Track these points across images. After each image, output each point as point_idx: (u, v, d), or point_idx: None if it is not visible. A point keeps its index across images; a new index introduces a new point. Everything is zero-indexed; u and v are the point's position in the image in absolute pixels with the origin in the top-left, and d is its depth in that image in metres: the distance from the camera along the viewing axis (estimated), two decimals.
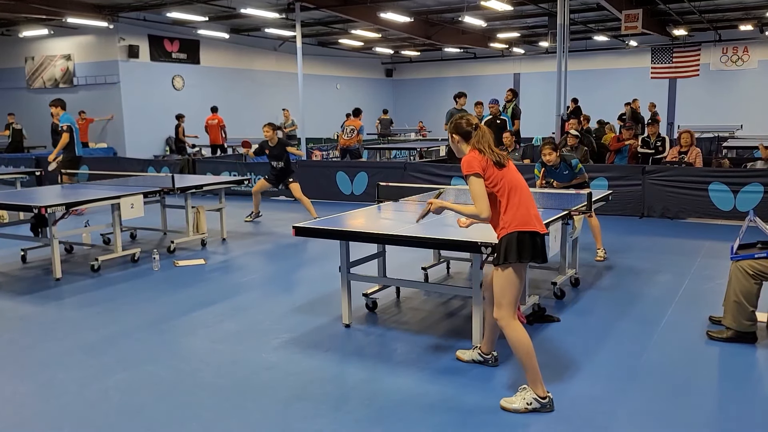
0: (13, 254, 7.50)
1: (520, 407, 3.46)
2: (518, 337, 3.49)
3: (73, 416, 3.56)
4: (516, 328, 3.51)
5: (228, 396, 3.76)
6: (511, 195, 3.48)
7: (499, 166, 3.49)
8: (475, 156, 3.50)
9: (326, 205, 10.98)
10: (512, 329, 3.51)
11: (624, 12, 14.73)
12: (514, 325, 3.52)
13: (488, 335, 4.07)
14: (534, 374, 3.48)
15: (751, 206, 8.37)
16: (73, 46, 18.21)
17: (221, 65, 20.26)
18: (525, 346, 3.48)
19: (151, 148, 17.97)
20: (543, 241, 3.55)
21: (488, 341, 4.09)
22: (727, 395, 3.75)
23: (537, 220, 3.54)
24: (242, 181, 8.92)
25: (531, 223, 3.48)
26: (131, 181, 8.19)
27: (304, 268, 7.09)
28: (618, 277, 6.26)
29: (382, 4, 15.96)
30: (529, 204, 3.52)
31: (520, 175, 3.60)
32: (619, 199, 9.08)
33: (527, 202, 3.51)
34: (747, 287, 4.36)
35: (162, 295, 5.95)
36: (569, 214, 5.22)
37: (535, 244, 3.49)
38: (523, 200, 3.49)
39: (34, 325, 5.12)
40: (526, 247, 3.46)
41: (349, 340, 4.67)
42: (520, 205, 3.48)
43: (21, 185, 10.28)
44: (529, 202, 3.54)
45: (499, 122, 11.03)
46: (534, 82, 24.26)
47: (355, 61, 26.30)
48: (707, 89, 21.84)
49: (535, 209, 3.56)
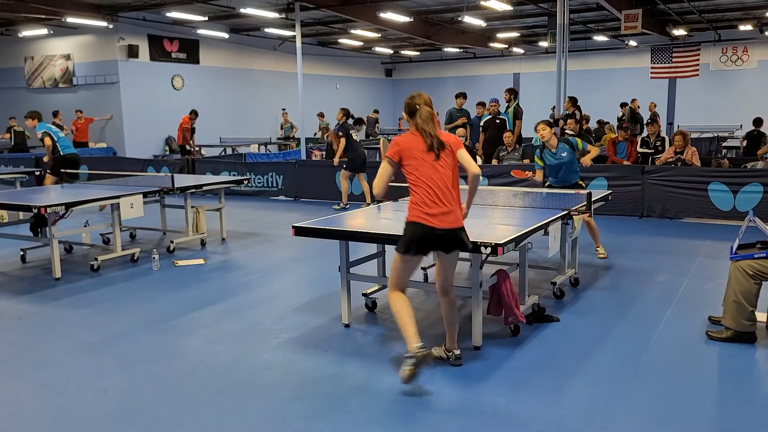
0: (13, 254, 7.50)
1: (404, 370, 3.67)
2: (392, 306, 3.92)
3: (72, 416, 3.55)
4: (392, 299, 3.91)
5: (227, 396, 3.76)
6: (417, 188, 3.73)
7: (429, 150, 3.70)
8: (400, 141, 3.79)
9: (326, 205, 10.99)
10: (390, 300, 3.94)
11: (624, 12, 14.73)
12: (391, 297, 3.93)
13: (447, 331, 4.16)
14: (404, 332, 3.81)
15: (751, 206, 8.37)
16: (72, 46, 18.20)
17: (221, 65, 20.25)
18: (396, 312, 3.87)
19: (150, 148, 17.96)
20: (439, 234, 3.71)
21: (448, 338, 4.16)
22: (727, 395, 3.74)
23: (441, 215, 3.67)
24: (242, 181, 8.92)
25: (422, 217, 3.69)
26: (131, 181, 8.19)
27: (304, 268, 7.08)
28: (618, 277, 6.26)
29: (382, 3, 15.95)
30: (435, 197, 3.67)
31: (440, 171, 3.71)
32: (619, 199, 9.08)
33: (433, 198, 3.68)
34: (746, 287, 4.36)
35: (161, 295, 5.95)
36: (569, 214, 5.22)
37: (423, 237, 3.71)
38: (427, 196, 3.68)
39: (33, 325, 5.12)
40: (413, 242, 3.74)
41: (349, 340, 4.67)
42: (421, 200, 3.70)
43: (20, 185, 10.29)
44: (438, 197, 3.67)
45: (499, 122, 11.02)
46: (534, 82, 24.25)
47: (354, 61, 26.29)
48: (707, 89, 21.84)
49: (446, 204, 3.69)
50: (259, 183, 12.47)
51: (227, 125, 19.75)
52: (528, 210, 5.51)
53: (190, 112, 17.04)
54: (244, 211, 10.61)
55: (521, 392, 3.74)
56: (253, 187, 12.44)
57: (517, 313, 4.54)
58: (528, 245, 4.93)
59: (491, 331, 4.71)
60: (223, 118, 19.68)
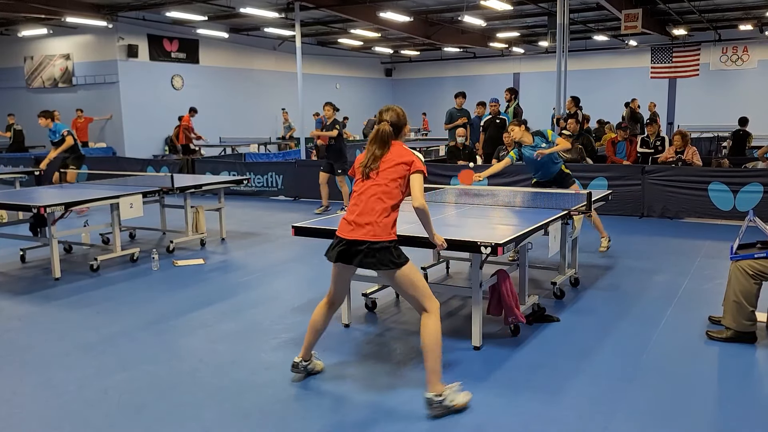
0: (12, 254, 7.49)
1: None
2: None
3: (72, 416, 3.55)
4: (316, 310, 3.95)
5: (227, 396, 3.76)
6: (351, 199, 3.74)
7: (363, 167, 3.68)
8: (358, 157, 3.81)
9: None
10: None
11: (624, 12, 14.73)
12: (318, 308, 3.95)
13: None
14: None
15: (751, 206, 8.37)
16: (72, 46, 18.20)
17: (220, 65, 20.25)
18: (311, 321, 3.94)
19: (150, 147, 17.96)
20: (344, 245, 3.62)
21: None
22: (727, 395, 3.74)
23: (354, 225, 3.60)
24: (241, 181, 8.92)
25: (339, 227, 3.69)
26: (130, 181, 8.19)
27: (304, 268, 7.08)
28: (618, 277, 6.26)
29: (382, 3, 15.95)
30: (353, 210, 3.64)
31: (368, 185, 3.64)
32: (619, 198, 9.08)
33: (354, 208, 3.65)
34: (746, 287, 4.36)
35: (161, 295, 5.94)
36: (569, 214, 5.22)
37: (332, 245, 3.69)
38: (352, 206, 3.68)
39: (33, 324, 5.11)
40: (328, 249, 3.72)
41: (349, 340, 4.67)
42: (349, 210, 3.70)
43: (20, 185, 10.29)
44: (359, 209, 3.62)
45: (499, 122, 11.01)
46: (534, 82, 24.26)
47: (354, 60, 26.29)
48: (707, 89, 21.85)
49: (364, 216, 3.58)
50: (259, 183, 12.47)
51: (227, 125, 19.75)
52: (528, 210, 5.51)
53: (189, 110, 17.12)
54: (243, 211, 10.60)
55: (521, 392, 3.74)
56: (252, 187, 12.44)
57: (517, 313, 4.53)
58: (528, 245, 4.92)
59: (491, 331, 4.71)
60: (223, 118, 19.68)
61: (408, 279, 3.59)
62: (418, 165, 3.65)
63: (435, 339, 3.50)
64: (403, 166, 3.63)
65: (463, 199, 6.18)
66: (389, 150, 3.66)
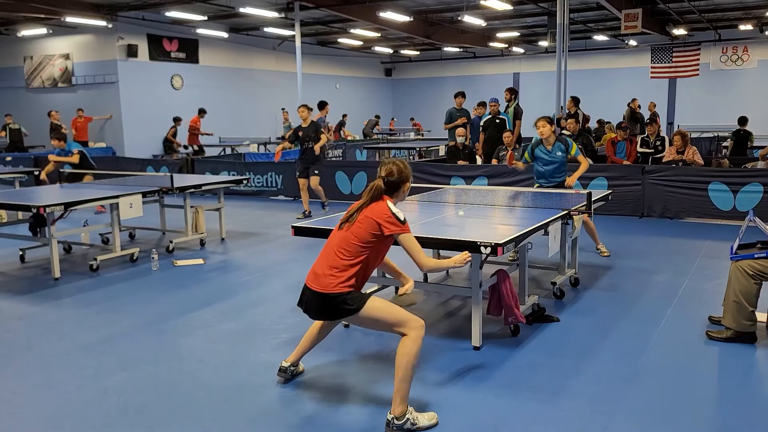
0: (12, 254, 7.49)
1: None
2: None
3: (72, 416, 3.55)
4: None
5: (227, 396, 3.76)
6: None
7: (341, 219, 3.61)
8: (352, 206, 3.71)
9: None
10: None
11: (624, 11, 14.73)
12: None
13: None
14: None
15: (751, 206, 8.37)
16: (71, 46, 18.18)
17: (220, 65, 20.24)
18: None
19: (149, 147, 17.94)
20: (309, 294, 3.51)
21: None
22: (727, 395, 3.74)
23: (313, 274, 3.52)
24: (241, 181, 8.91)
25: (307, 276, 3.57)
26: (130, 181, 8.18)
27: (304, 268, 7.05)
28: (618, 277, 6.25)
29: (382, 3, 15.94)
30: (318, 260, 3.57)
31: (336, 236, 3.58)
32: (619, 198, 9.08)
33: (319, 258, 3.58)
34: (747, 287, 4.36)
35: (161, 294, 5.94)
36: (569, 214, 5.21)
37: (303, 297, 3.56)
38: (319, 257, 3.60)
39: (32, 324, 5.11)
40: (301, 299, 3.60)
41: (349, 340, 4.67)
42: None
43: (20, 185, 10.29)
44: (320, 258, 3.57)
45: (499, 121, 11.01)
46: (534, 82, 24.26)
47: (354, 60, 26.28)
48: (707, 89, 21.85)
49: (320, 267, 3.50)
50: (259, 183, 12.47)
51: (227, 125, 19.74)
52: (528, 210, 5.51)
53: (198, 111, 17.31)
54: (243, 211, 10.60)
55: (521, 392, 3.74)
56: (252, 186, 12.43)
57: (517, 313, 4.53)
58: (528, 245, 4.92)
59: (491, 331, 4.71)
60: (223, 118, 19.66)
61: (370, 318, 3.42)
62: (390, 228, 3.42)
63: (407, 359, 3.29)
64: (373, 222, 3.43)
65: (463, 199, 6.18)
66: (373, 204, 3.52)
